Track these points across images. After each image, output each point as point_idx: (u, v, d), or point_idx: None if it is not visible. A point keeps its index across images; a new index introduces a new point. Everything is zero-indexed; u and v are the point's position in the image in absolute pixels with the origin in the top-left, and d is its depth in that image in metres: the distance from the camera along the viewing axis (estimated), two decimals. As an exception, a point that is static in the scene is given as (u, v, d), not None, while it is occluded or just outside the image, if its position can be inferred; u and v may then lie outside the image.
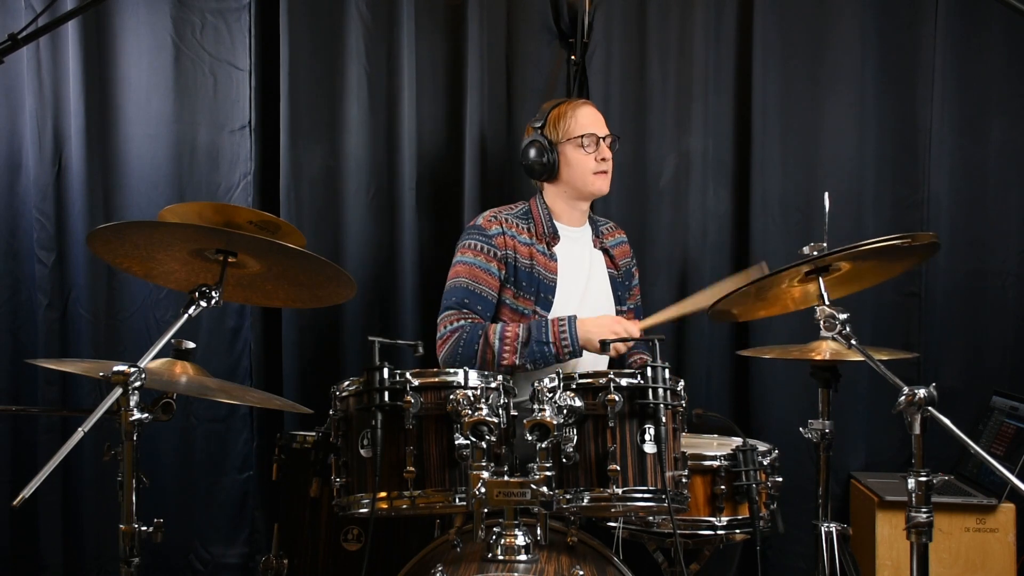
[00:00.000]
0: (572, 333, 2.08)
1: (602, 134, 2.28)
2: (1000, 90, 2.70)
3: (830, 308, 1.64)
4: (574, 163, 2.26)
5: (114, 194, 2.66)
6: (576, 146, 2.25)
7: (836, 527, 2.07)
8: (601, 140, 2.27)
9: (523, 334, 2.10)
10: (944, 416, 1.44)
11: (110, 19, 2.63)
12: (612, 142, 2.31)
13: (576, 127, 2.25)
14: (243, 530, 2.72)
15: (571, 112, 2.27)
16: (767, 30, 2.66)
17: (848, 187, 2.67)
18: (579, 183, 2.27)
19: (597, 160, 2.26)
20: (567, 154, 2.26)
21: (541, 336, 2.09)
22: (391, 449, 1.57)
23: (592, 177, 2.27)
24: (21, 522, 2.63)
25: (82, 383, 2.62)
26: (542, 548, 1.58)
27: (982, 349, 2.73)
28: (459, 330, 2.13)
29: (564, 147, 2.26)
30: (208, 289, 1.55)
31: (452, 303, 2.18)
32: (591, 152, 2.25)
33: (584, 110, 2.29)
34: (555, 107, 2.30)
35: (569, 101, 2.32)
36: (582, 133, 2.24)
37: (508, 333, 2.10)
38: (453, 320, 2.16)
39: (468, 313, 2.17)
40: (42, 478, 1.25)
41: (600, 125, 2.29)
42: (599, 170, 2.27)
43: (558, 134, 2.26)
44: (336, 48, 2.67)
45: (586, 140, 2.24)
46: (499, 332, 2.11)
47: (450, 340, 2.13)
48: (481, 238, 2.23)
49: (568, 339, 2.08)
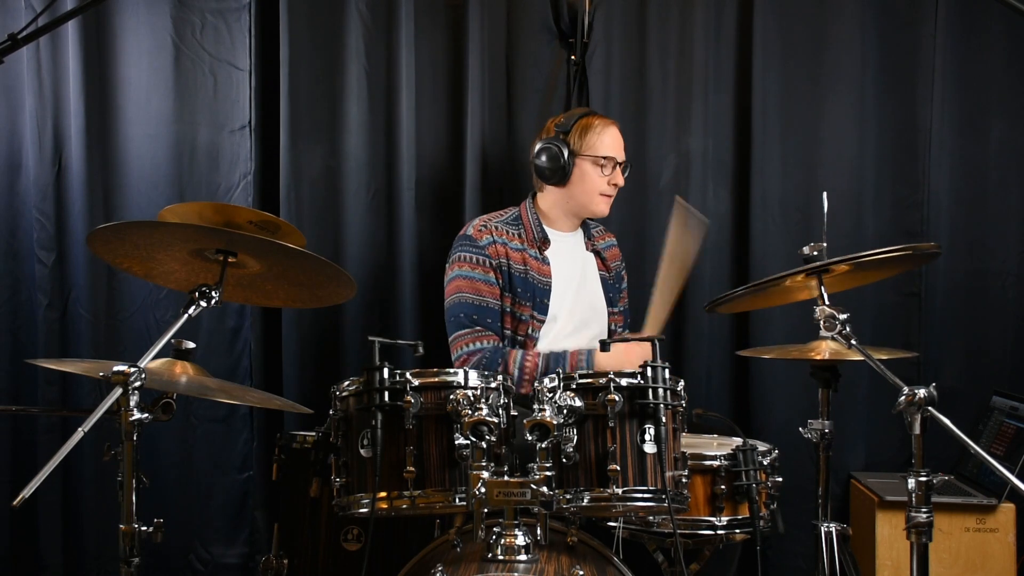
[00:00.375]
0: (590, 367, 2.10)
1: (620, 159, 2.28)
2: (1000, 90, 2.70)
3: (830, 308, 1.64)
4: (587, 179, 2.26)
5: (114, 194, 2.66)
6: (594, 164, 2.25)
7: (836, 527, 2.07)
8: (619, 165, 2.28)
9: (542, 365, 2.12)
10: (944, 416, 1.44)
11: (110, 19, 2.63)
12: (625, 167, 2.31)
13: (601, 146, 2.25)
14: (243, 530, 2.72)
15: (600, 128, 2.26)
16: (767, 30, 2.66)
17: (848, 187, 2.67)
18: (585, 199, 2.28)
19: (609, 184, 2.27)
20: (583, 168, 2.25)
21: (559, 370, 2.09)
22: (391, 449, 1.57)
23: (598, 198, 2.28)
24: (21, 522, 2.63)
25: (82, 383, 2.62)
26: (542, 548, 1.58)
27: (982, 349, 2.73)
28: (478, 353, 2.14)
29: (582, 160, 2.25)
30: (208, 289, 1.55)
31: (462, 320, 2.18)
32: (607, 174, 2.26)
33: (612, 131, 2.28)
34: (584, 116, 2.28)
35: (599, 116, 2.31)
36: (606, 154, 2.25)
37: (528, 364, 2.13)
38: (469, 342, 2.16)
39: (481, 331, 2.17)
40: (42, 478, 1.24)
41: (621, 150, 2.30)
42: (606, 193, 2.28)
43: (581, 145, 2.24)
44: (336, 48, 2.67)
45: (606, 161, 2.25)
46: (519, 362, 2.13)
47: (468, 363, 2.14)
48: (474, 250, 2.22)
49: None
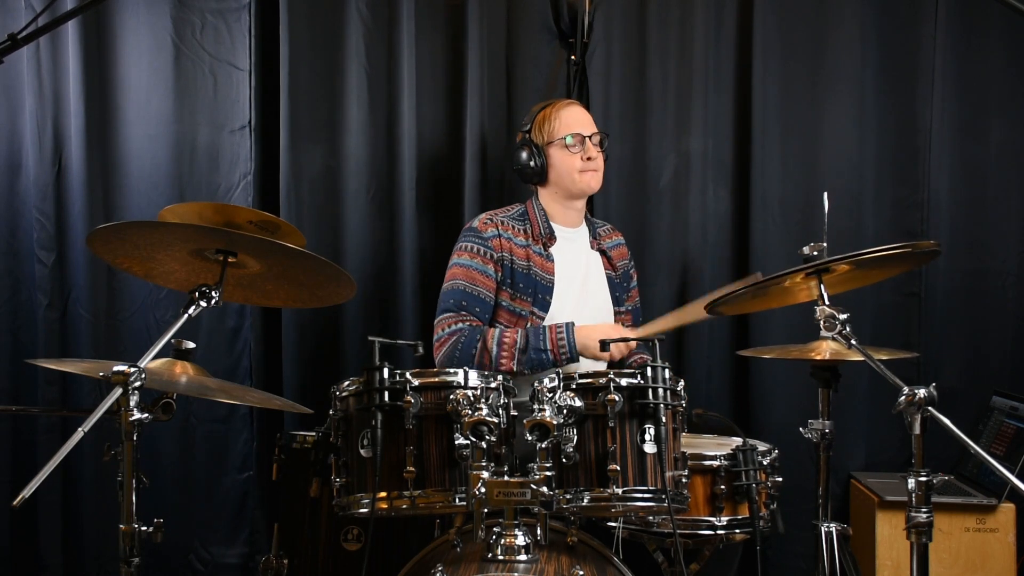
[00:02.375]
0: (570, 340, 2.08)
1: (587, 132, 2.27)
2: (1000, 90, 2.70)
3: (830, 308, 1.64)
4: (559, 164, 2.26)
5: (114, 194, 2.66)
6: (561, 147, 2.25)
7: (836, 527, 2.07)
8: (587, 139, 2.26)
9: (521, 340, 2.10)
10: (944, 416, 1.44)
11: (110, 19, 2.63)
12: (601, 139, 2.29)
13: (560, 128, 2.25)
14: (243, 530, 2.72)
15: (555, 114, 2.27)
16: (767, 30, 2.66)
17: (848, 187, 2.67)
18: (567, 183, 2.27)
19: (583, 159, 2.25)
20: (553, 156, 2.26)
21: (539, 343, 2.09)
22: (391, 449, 1.57)
23: (578, 176, 2.26)
24: (21, 522, 2.63)
25: (82, 383, 2.62)
26: (542, 548, 1.58)
27: (982, 349, 2.73)
28: (457, 333, 2.13)
29: (550, 149, 2.26)
30: (208, 289, 1.54)
31: (450, 305, 2.18)
32: (576, 152, 2.25)
33: (568, 110, 2.28)
34: (541, 110, 2.30)
35: (554, 102, 2.32)
36: (566, 133, 2.24)
37: (506, 339, 2.11)
38: (451, 323, 2.16)
39: (466, 315, 2.17)
40: (42, 478, 1.24)
41: (586, 124, 2.29)
42: (586, 168, 2.26)
43: (544, 137, 2.26)
44: (336, 48, 2.67)
45: (570, 140, 2.24)
46: (497, 337, 2.11)
47: (448, 343, 2.13)
48: (477, 240, 2.23)
49: (566, 346, 2.08)
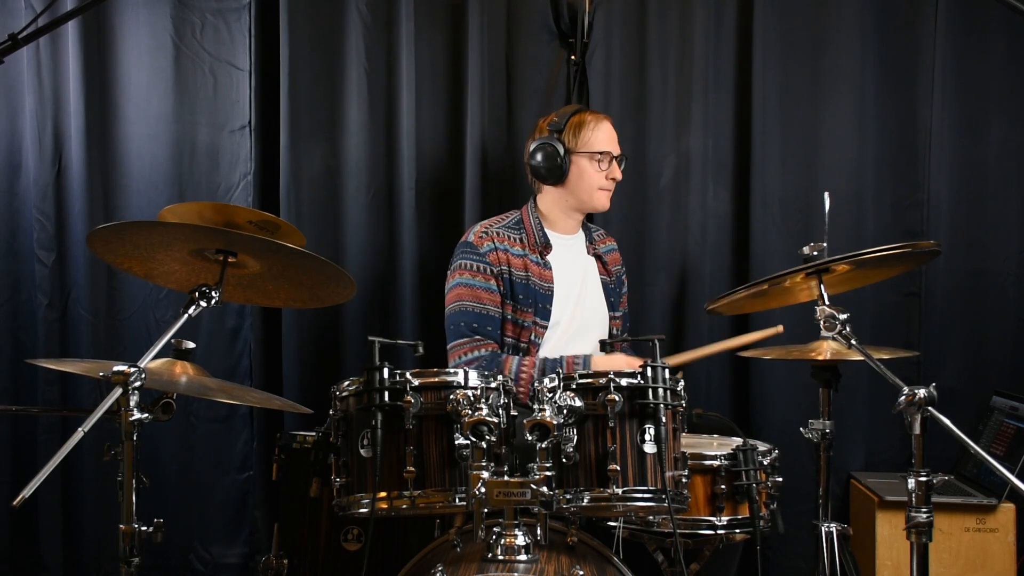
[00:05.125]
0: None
1: (616, 153, 2.29)
2: (1000, 90, 2.70)
3: (830, 308, 1.64)
4: (584, 176, 2.26)
5: (114, 194, 2.66)
6: (591, 160, 2.25)
7: (836, 527, 2.07)
8: (615, 159, 2.28)
9: (537, 375, 2.11)
10: (944, 416, 1.44)
11: (110, 19, 2.63)
12: (621, 161, 2.31)
13: (596, 141, 2.25)
14: (243, 530, 2.72)
15: (594, 124, 2.26)
16: (767, 30, 2.65)
17: (848, 187, 2.67)
18: (584, 195, 2.28)
19: (607, 179, 2.27)
20: (580, 165, 2.26)
21: (560, 369, 2.08)
22: (391, 449, 1.57)
23: (598, 193, 2.28)
24: (21, 522, 2.63)
25: (82, 383, 2.62)
26: (542, 548, 1.58)
27: (982, 349, 2.72)
28: (474, 363, 2.14)
29: (578, 157, 2.25)
30: (208, 289, 1.55)
31: (461, 329, 2.18)
32: (603, 170, 2.26)
33: (606, 126, 2.29)
34: (576, 113, 2.29)
35: (592, 112, 2.32)
36: (601, 149, 2.25)
37: (524, 374, 2.12)
38: (467, 351, 2.16)
39: (480, 339, 2.17)
40: (42, 478, 1.24)
41: (616, 144, 2.31)
42: (604, 188, 2.28)
43: (576, 143, 2.25)
44: (336, 48, 2.67)
45: (602, 157, 2.25)
46: (515, 370, 2.12)
47: None
48: (475, 257, 2.22)
49: None
